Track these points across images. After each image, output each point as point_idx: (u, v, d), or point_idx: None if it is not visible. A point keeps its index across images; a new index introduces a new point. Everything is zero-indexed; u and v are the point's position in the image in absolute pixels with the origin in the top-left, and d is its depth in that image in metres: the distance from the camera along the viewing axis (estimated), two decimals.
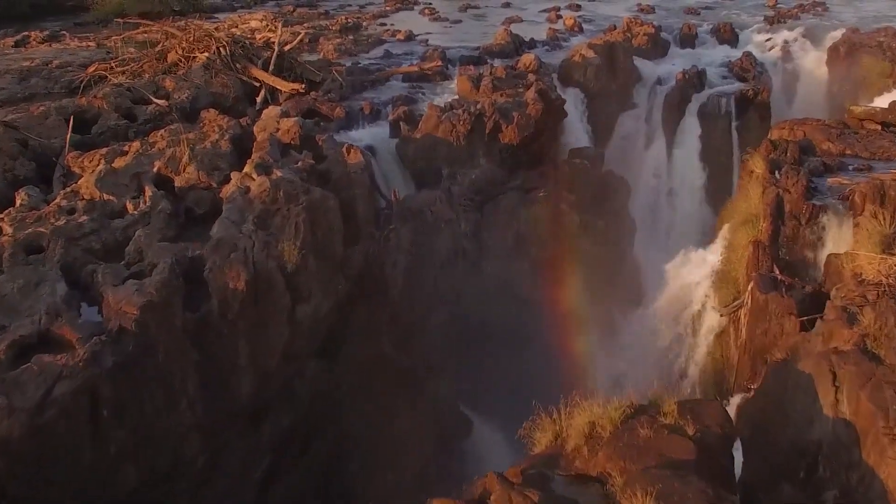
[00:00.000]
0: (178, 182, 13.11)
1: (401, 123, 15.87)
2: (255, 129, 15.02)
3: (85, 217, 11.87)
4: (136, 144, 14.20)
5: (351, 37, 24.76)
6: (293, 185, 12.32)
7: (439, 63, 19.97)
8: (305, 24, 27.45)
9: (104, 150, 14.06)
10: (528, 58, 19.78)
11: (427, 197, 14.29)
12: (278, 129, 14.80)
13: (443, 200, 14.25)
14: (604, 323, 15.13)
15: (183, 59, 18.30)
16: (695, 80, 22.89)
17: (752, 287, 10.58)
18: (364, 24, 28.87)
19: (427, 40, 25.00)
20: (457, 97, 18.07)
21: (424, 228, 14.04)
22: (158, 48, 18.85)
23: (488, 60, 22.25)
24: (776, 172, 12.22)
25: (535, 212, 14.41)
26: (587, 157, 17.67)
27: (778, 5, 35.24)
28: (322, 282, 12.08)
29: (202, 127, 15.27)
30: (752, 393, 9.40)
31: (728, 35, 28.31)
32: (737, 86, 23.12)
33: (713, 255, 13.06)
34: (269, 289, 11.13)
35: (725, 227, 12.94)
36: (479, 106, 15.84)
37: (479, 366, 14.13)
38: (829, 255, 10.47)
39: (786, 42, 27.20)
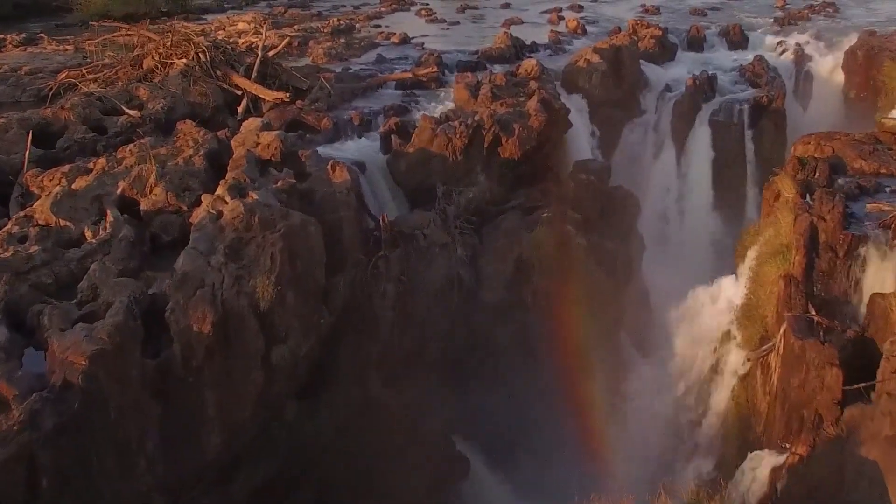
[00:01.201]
0: (144, 205, 11.87)
1: (392, 136, 14.61)
2: (233, 143, 13.79)
3: (37, 247, 10.61)
4: (101, 161, 12.94)
5: (343, 40, 23.50)
6: (270, 210, 11.07)
7: (435, 69, 18.73)
8: (296, 27, 26.21)
9: (66, 168, 12.81)
10: (529, 63, 18.54)
11: (420, 219, 13.03)
12: (258, 144, 13.55)
13: (437, 223, 12.98)
14: (613, 356, 13.89)
15: (159, 66, 17.04)
16: (706, 86, 21.65)
17: (784, 330, 9.35)
18: (357, 26, 27.60)
19: (423, 44, 23.75)
20: (453, 107, 16.86)
21: (417, 254, 12.80)
22: (134, 54, 17.59)
23: (487, 66, 21.00)
24: (807, 196, 10.99)
25: (538, 236, 13.14)
26: (593, 171, 16.43)
27: (787, 6, 34.11)
28: (301, 318, 10.83)
29: (176, 141, 14.01)
30: (791, 458, 8.17)
31: (737, 37, 27.07)
32: (750, 92, 21.88)
33: (736, 287, 11.81)
34: (240, 331, 9.88)
35: (749, 256, 11.67)
36: (477, 117, 14.60)
37: (477, 403, 12.89)
38: (874, 296, 9.23)
39: (798, 45, 25.98)
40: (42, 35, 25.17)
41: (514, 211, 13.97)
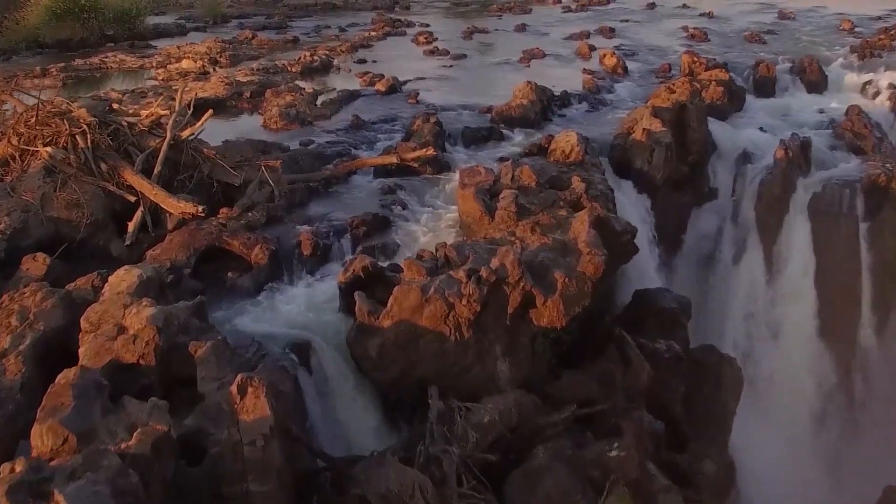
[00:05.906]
0: None
1: (358, 296, 8.88)
2: (84, 322, 8.15)
3: None
4: None
5: (311, 89, 17.77)
6: None
7: (431, 149, 12.99)
8: (255, 65, 20.47)
9: None
10: (567, 142, 12.83)
11: (396, 480, 7.29)
12: (121, 330, 7.91)
13: (426, 489, 7.33)
14: None
15: (18, 155, 11.38)
16: (799, 156, 15.93)
17: None
18: (336, 60, 21.86)
19: (417, 92, 18.00)
20: (454, 222, 11.23)
21: None
22: None
23: (504, 132, 15.35)
24: None
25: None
26: (670, 321, 10.79)
27: (855, 29, 28.62)
28: None
29: None
30: None
31: (815, 76, 21.41)
32: (858, 165, 16.13)
33: None
34: None
35: None
36: (495, 264, 8.94)
37: None
38: None
39: (893, 86, 20.44)
40: None
41: (556, 440, 8.24)
